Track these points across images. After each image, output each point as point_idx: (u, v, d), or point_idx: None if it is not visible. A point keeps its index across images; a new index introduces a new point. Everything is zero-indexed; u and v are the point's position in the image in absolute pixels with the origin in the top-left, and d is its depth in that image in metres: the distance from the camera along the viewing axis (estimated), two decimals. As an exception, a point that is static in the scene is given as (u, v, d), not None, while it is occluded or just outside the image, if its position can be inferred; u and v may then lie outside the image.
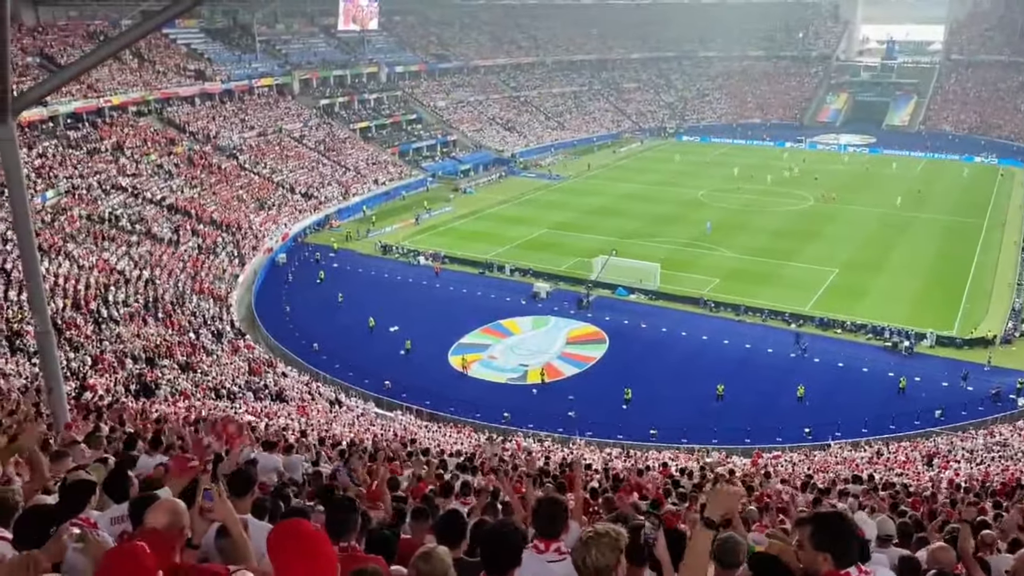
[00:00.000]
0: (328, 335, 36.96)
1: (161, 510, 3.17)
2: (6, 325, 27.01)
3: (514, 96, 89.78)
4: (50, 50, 51.45)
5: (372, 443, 17.15)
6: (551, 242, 50.91)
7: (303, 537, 2.49)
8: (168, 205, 46.26)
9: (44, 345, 12.59)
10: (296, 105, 67.37)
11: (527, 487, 8.34)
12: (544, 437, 27.91)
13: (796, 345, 35.04)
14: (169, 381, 27.11)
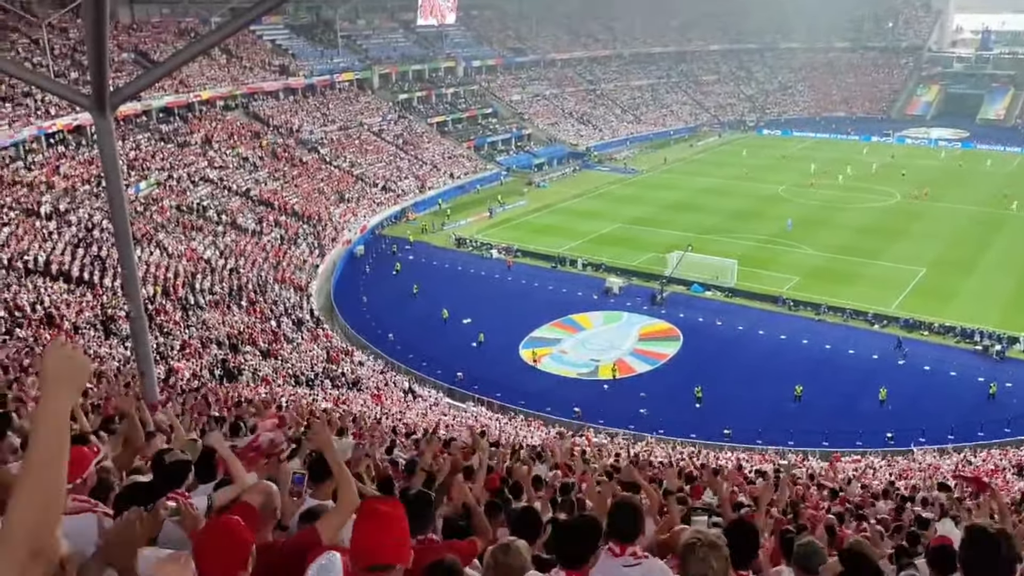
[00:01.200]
0: (403, 325, 37.58)
1: (256, 490, 3.32)
2: (101, 310, 28.42)
3: (590, 89, 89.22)
4: (144, 46, 53.70)
5: (447, 433, 17.38)
6: (625, 237, 50.46)
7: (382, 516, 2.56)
8: (252, 197, 47.79)
9: (137, 330, 13.22)
10: (375, 99, 68.56)
11: (598, 483, 8.32)
12: (615, 433, 27.76)
13: (897, 351, 33.60)
14: (251, 367, 28.07)
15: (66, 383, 1.85)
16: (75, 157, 41.27)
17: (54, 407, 1.81)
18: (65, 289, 29.32)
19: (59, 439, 1.80)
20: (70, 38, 48.67)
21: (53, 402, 1.82)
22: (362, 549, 2.55)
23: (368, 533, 2.54)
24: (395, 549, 2.55)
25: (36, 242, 32.11)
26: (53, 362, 1.87)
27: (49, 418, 1.80)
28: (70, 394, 1.85)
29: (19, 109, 40.28)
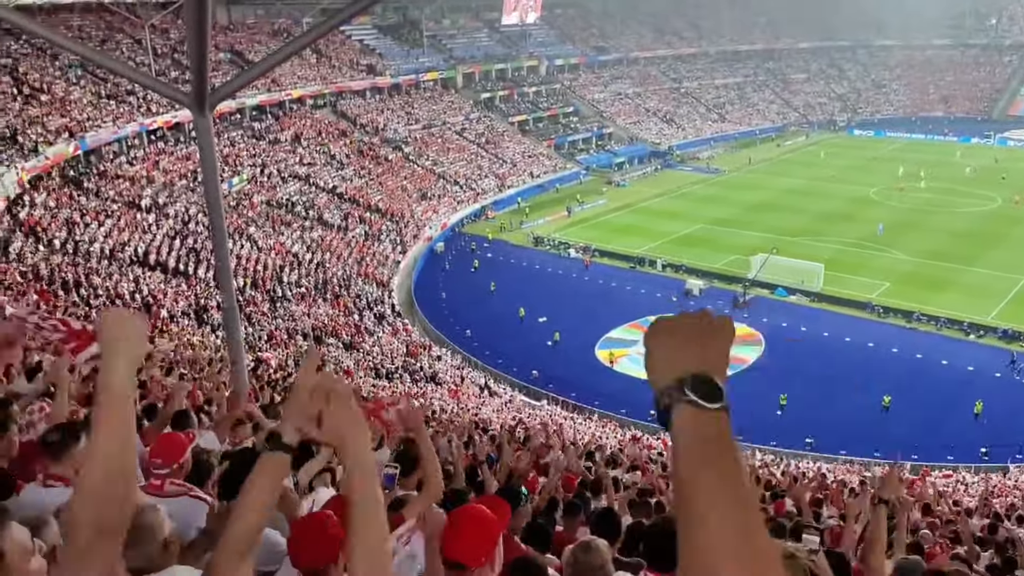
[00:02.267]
0: (480, 322, 37.93)
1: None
2: (195, 300, 29.73)
3: (674, 88, 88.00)
4: (239, 46, 55.78)
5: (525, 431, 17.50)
6: (707, 238, 49.61)
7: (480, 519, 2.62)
8: (338, 193, 49.07)
9: (229, 320, 13.72)
10: (458, 99, 69.35)
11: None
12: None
13: (1011, 367, 31.95)
14: (334, 358, 28.87)
15: (123, 352, 1.80)
16: (173, 153, 43.22)
17: (112, 380, 1.77)
18: (162, 279, 30.80)
19: (120, 411, 1.75)
20: (171, 38, 50.97)
21: (111, 375, 1.77)
22: (445, 543, 2.62)
23: (455, 530, 2.61)
24: (472, 552, 2.58)
25: (136, 234, 33.81)
26: (108, 331, 1.81)
27: (108, 393, 1.76)
28: (127, 362, 1.80)
29: (123, 107, 42.44)
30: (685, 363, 1.21)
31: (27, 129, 35.19)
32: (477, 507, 2.66)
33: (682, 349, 1.23)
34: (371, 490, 1.80)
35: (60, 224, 31.59)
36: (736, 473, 1.11)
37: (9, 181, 31.25)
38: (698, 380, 1.18)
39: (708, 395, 1.17)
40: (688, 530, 1.07)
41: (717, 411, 1.17)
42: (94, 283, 27.18)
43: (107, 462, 1.68)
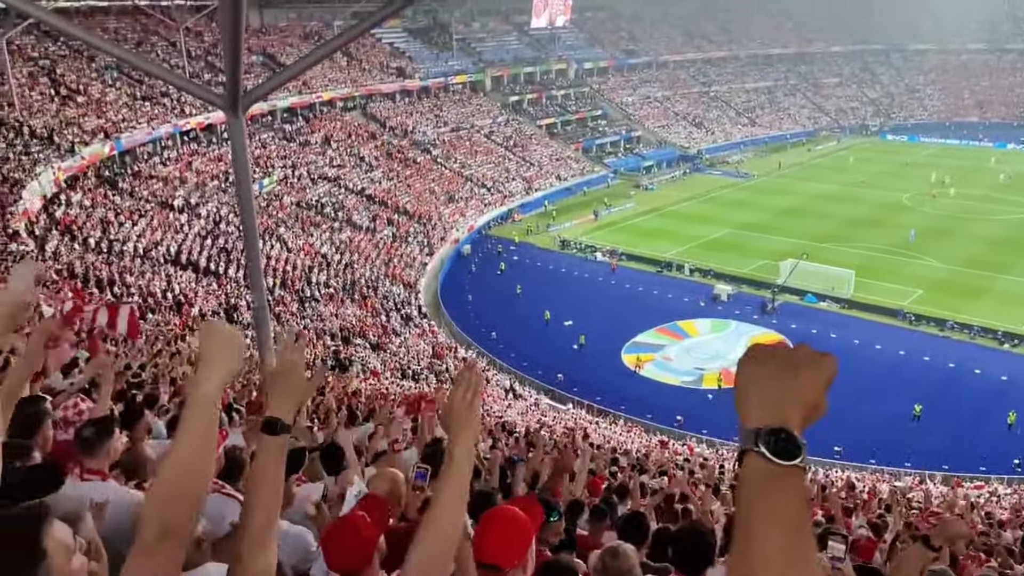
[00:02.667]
0: (506, 325, 37.94)
1: (384, 478, 3.48)
2: (225, 299, 30.09)
3: (703, 91, 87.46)
4: (271, 49, 56.41)
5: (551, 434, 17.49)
6: (735, 243, 49.21)
7: (513, 520, 2.62)
8: (367, 195, 49.42)
9: (259, 320, 13.87)
10: (487, 102, 69.51)
11: (705, 496, 8.21)
12: (719, 445, 27.13)
13: None
14: (361, 359, 29.07)
15: (221, 364, 1.84)
16: (206, 154, 43.82)
17: (204, 390, 1.80)
18: (193, 278, 31.22)
19: (206, 419, 1.79)
20: (204, 41, 51.70)
21: (204, 384, 1.80)
22: (478, 544, 2.63)
23: (488, 531, 2.62)
24: (506, 553, 2.58)
25: (169, 233, 34.32)
26: (211, 342, 1.85)
27: (199, 401, 1.79)
28: (223, 375, 1.84)
29: (157, 108, 43.12)
30: (767, 407, 1.17)
31: (64, 129, 35.88)
32: (510, 508, 2.67)
33: (769, 388, 1.19)
34: (464, 489, 1.90)
35: (95, 223, 32.15)
36: (799, 534, 1.07)
37: (46, 180, 31.87)
38: (775, 433, 1.15)
39: (783, 451, 1.13)
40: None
41: (790, 468, 1.13)
42: (127, 281, 27.62)
43: (184, 466, 1.71)
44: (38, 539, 1.53)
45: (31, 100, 37.14)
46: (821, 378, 1.21)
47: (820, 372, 1.22)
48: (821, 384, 1.21)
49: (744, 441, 1.16)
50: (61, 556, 1.57)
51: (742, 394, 1.21)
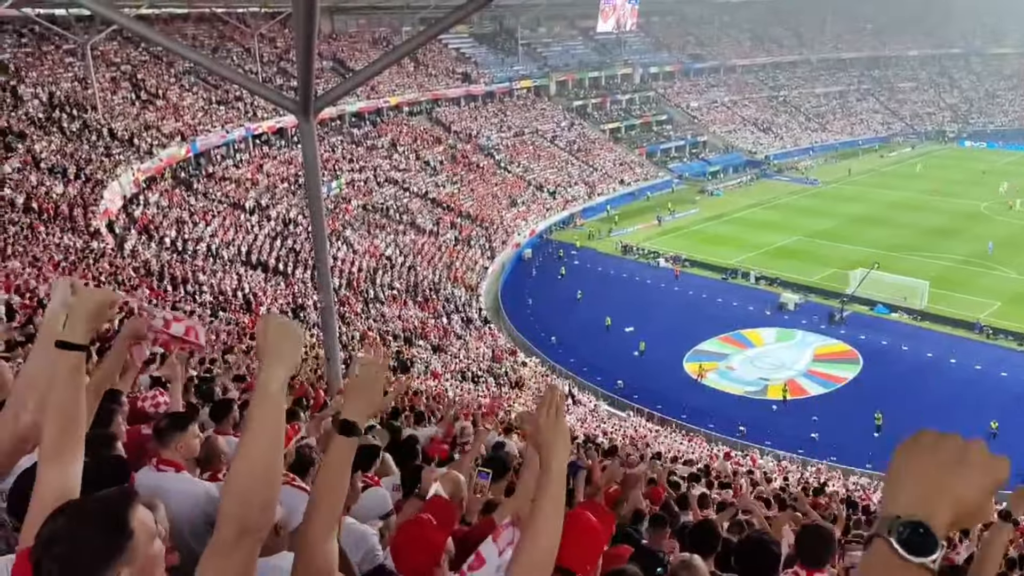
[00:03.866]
0: (566, 329, 37.85)
1: (448, 480, 3.52)
2: (293, 299, 30.81)
3: (772, 96, 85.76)
4: (341, 55, 57.57)
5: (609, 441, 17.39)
6: (803, 250, 48.09)
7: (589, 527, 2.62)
8: (431, 199, 49.98)
9: (326, 319, 14.18)
10: (551, 106, 69.53)
11: (779, 517, 8.03)
12: (782, 456, 26.54)
13: None
14: (422, 360, 29.39)
15: (282, 357, 1.85)
16: (276, 157, 44.98)
17: (268, 380, 1.82)
18: (262, 278, 32.07)
19: (273, 414, 1.80)
20: (277, 47, 53.10)
21: (269, 379, 1.82)
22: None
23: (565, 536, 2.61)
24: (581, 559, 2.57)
25: (240, 233, 35.33)
26: (269, 335, 1.87)
27: (264, 392, 1.81)
28: (286, 368, 1.85)
29: (231, 112, 44.47)
30: (917, 497, 1.10)
31: (143, 132, 37.32)
32: (586, 515, 2.67)
33: (927, 478, 1.11)
34: (561, 502, 1.97)
35: (171, 223, 33.32)
36: None
37: (126, 181, 33.21)
38: (913, 525, 1.07)
39: (915, 545, 1.06)
40: None
41: (918, 565, 1.05)
42: (200, 280, 28.53)
43: (254, 463, 1.75)
44: (126, 520, 1.61)
45: (113, 104, 38.73)
46: (988, 480, 1.12)
47: (989, 474, 1.12)
48: (987, 487, 1.11)
49: (878, 526, 1.09)
50: (144, 538, 1.64)
51: (894, 477, 1.14)
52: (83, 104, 36.89)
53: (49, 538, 1.56)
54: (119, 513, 1.61)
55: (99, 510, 1.63)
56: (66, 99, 36.66)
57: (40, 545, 1.58)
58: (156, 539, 1.72)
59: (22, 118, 33.56)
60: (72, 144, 33.38)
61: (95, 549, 1.57)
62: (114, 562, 1.57)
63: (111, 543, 1.58)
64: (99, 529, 1.59)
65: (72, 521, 1.59)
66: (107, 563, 1.56)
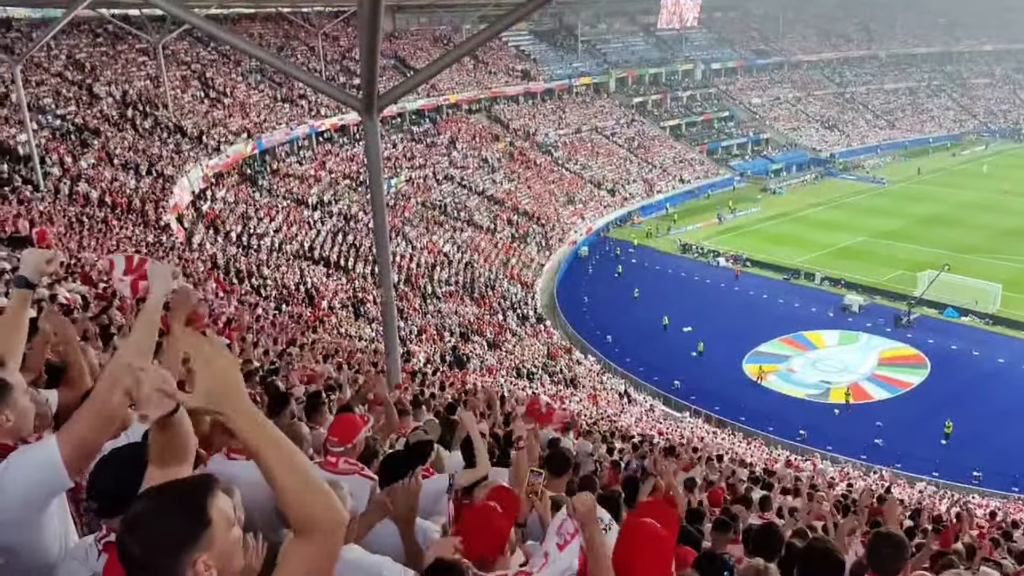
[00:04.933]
0: (622, 328, 37.59)
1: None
2: (353, 293, 31.32)
3: (838, 93, 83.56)
4: (402, 53, 58.19)
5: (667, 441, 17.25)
6: (869, 251, 46.81)
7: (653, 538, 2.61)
8: (488, 196, 50.20)
9: (386, 314, 14.39)
10: (610, 103, 69.08)
11: (831, 513, 7.86)
12: (844, 462, 25.91)
13: None
14: (478, 356, 29.57)
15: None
16: (339, 154, 45.75)
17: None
18: (324, 272, 32.68)
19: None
20: (340, 45, 53.95)
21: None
22: (619, 559, 2.64)
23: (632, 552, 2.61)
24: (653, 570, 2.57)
25: (303, 229, 36.07)
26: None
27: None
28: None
29: (295, 110, 45.40)
30: None
31: (212, 129, 38.38)
32: (651, 526, 2.66)
33: None
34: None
35: (236, 218, 34.20)
36: None
37: (195, 177, 34.22)
38: None
39: None
40: None
41: None
42: (264, 274, 29.22)
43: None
44: (205, 506, 1.67)
45: (183, 102, 39.93)
46: None
47: None
48: None
49: None
50: (223, 525, 1.70)
51: None
52: (155, 102, 38.14)
53: (132, 521, 1.64)
54: (199, 500, 1.67)
55: (180, 496, 1.70)
56: (139, 97, 37.95)
57: (123, 527, 1.65)
58: (235, 526, 1.77)
59: (97, 115, 34.87)
60: (144, 141, 34.55)
61: (175, 534, 1.63)
62: (192, 548, 1.64)
63: (190, 529, 1.64)
64: (179, 515, 1.65)
65: (154, 505, 1.66)
66: (186, 548, 1.63)
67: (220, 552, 1.68)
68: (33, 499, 2.23)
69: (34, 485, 2.20)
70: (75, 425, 2.23)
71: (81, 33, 40.75)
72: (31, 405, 2.54)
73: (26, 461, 2.21)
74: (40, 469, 2.19)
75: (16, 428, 2.45)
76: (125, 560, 1.63)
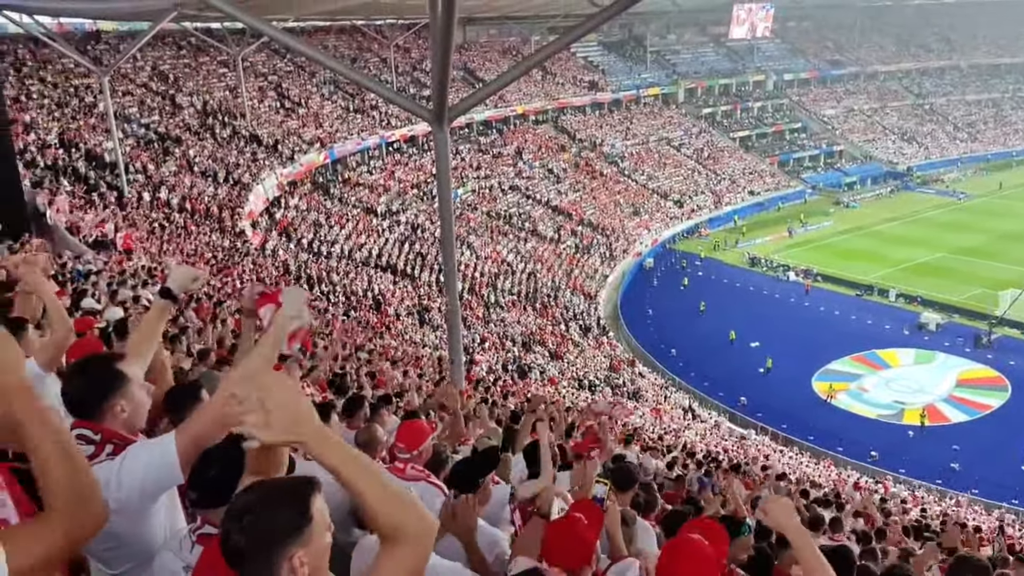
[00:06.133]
0: (687, 342, 37.09)
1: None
2: (418, 301, 31.75)
3: (917, 104, 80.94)
4: (471, 64, 58.85)
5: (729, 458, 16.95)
6: (947, 268, 45.12)
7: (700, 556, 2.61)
8: (553, 206, 50.25)
9: (452, 322, 14.58)
10: (678, 114, 68.45)
11: (901, 538, 7.61)
12: (917, 486, 24.98)
13: None
14: (539, 366, 29.59)
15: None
16: (407, 164, 46.51)
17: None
18: (391, 280, 33.23)
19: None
20: (411, 57, 54.89)
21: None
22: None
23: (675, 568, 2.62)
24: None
25: (371, 237, 36.75)
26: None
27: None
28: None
29: (366, 120, 46.37)
30: None
31: (286, 139, 39.52)
32: (696, 541, 2.66)
33: None
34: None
35: (308, 225, 35.10)
36: None
37: (269, 185, 35.27)
38: None
39: None
40: None
41: None
42: (333, 280, 29.89)
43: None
44: (308, 504, 1.75)
45: (260, 112, 41.24)
46: None
47: None
48: None
49: None
50: (321, 526, 1.78)
51: None
52: (233, 112, 39.49)
53: (239, 510, 1.73)
54: (304, 496, 1.76)
55: (286, 490, 1.78)
56: (218, 107, 39.35)
57: (229, 516, 1.75)
58: (329, 530, 1.84)
59: (179, 124, 36.30)
60: (222, 149, 35.80)
61: (278, 526, 1.72)
62: (293, 541, 1.72)
63: (294, 522, 1.73)
64: (284, 507, 1.74)
65: (261, 497, 1.75)
66: (288, 540, 1.71)
67: (315, 551, 1.75)
68: (148, 492, 2.37)
69: (150, 479, 2.34)
70: (193, 426, 2.35)
71: (165, 45, 42.53)
72: (147, 399, 2.67)
73: (144, 455, 2.35)
74: (157, 465, 2.32)
75: (131, 420, 2.58)
76: (227, 549, 1.72)
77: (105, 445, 2.44)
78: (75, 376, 2.59)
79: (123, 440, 2.48)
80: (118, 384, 2.55)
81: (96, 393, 2.52)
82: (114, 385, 2.54)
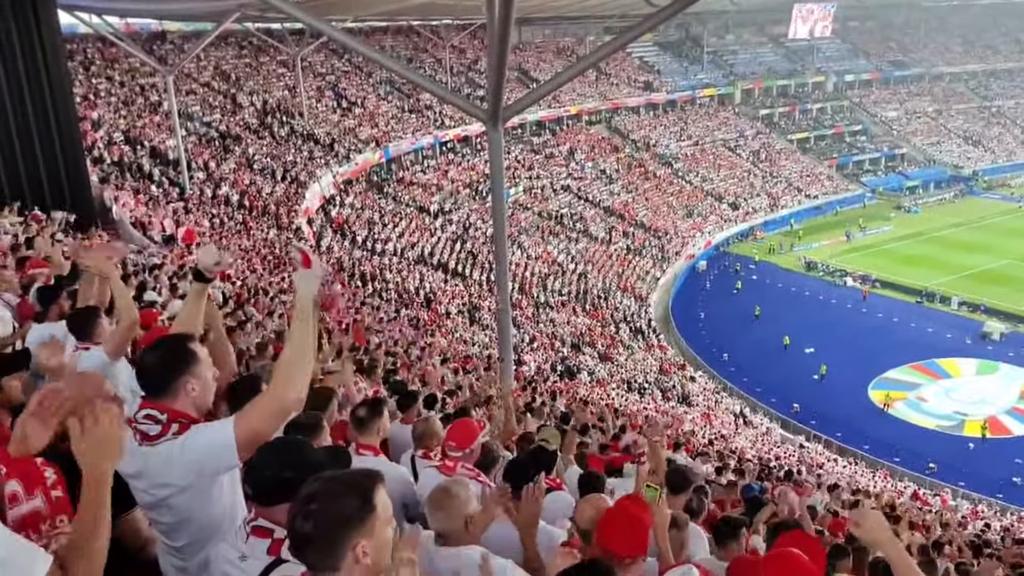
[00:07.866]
0: (739, 347, 36.55)
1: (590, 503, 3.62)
2: (468, 300, 31.95)
3: (984, 106, 78.28)
4: (526, 64, 58.88)
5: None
6: (1013, 276, 43.57)
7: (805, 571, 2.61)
8: (605, 207, 50.02)
9: (502, 321, 14.64)
10: (735, 115, 67.45)
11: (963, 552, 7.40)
12: (978, 500, 24.22)
13: None
14: (588, 368, 29.48)
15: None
16: (461, 164, 46.81)
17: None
18: (442, 279, 33.51)
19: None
20: (466, 58, 55.21)
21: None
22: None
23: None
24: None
25: (424, 236, 37.11)
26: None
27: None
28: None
29: (421, 120, 46.81)
30: None
31: (342, 138, 40.14)
32: (801, 559, 2.65)
33: None
34: None
35: (363, 223, 35.60)
36: None
37: (326, 183, 35.88)
38: None
39: None
40: None
41: None
42: (386, 277, 30.27)
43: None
44: (372, 495, 1.82)
45: (317, 111, 41.97)
46: None
47: None
48: None
49: None
50: (384, 517, 1.84)
51: None
52: (291, 111, 40.27)
53: (307, 496, 1.81)
54: (367, 488, 1.83)
55: (352, 481, 1.87)
56: (277, 106, 40.18)
57: (298, 502, 1.82)
58: (390, 527, 1.90)
59: (239, 123, 37.17)
60: (280, 147, 36.55)
61: (345, 514, 1.79)
62: (358, 530, 1.78)
63: (358, 511, 1.80)
64: (350, 496, 1.81)
65: (328, 486, 1.83)
66: (353, 529, 1.78)
67: (378, 543, 1.82)
68: (207, 471, 2.50)
69: (209, 459, 2.48)
70: (252, 413, 2.48)
71: (228, 46, 43.58)
72: (213, 382, 2.77)
73: (206, 435, 2.49)
74: (216, 445, 2.46)
75: (199, 399, 2.69)
76: (293, 536, 1.79)
77: (171, 425, 2.55)
78: (150, 354, 2.72)
79: (188, 419, 2.60)
80: (190, 362, 2.66)
81: (169, 370, 2.63)
82: (187, 363, 2.65)
